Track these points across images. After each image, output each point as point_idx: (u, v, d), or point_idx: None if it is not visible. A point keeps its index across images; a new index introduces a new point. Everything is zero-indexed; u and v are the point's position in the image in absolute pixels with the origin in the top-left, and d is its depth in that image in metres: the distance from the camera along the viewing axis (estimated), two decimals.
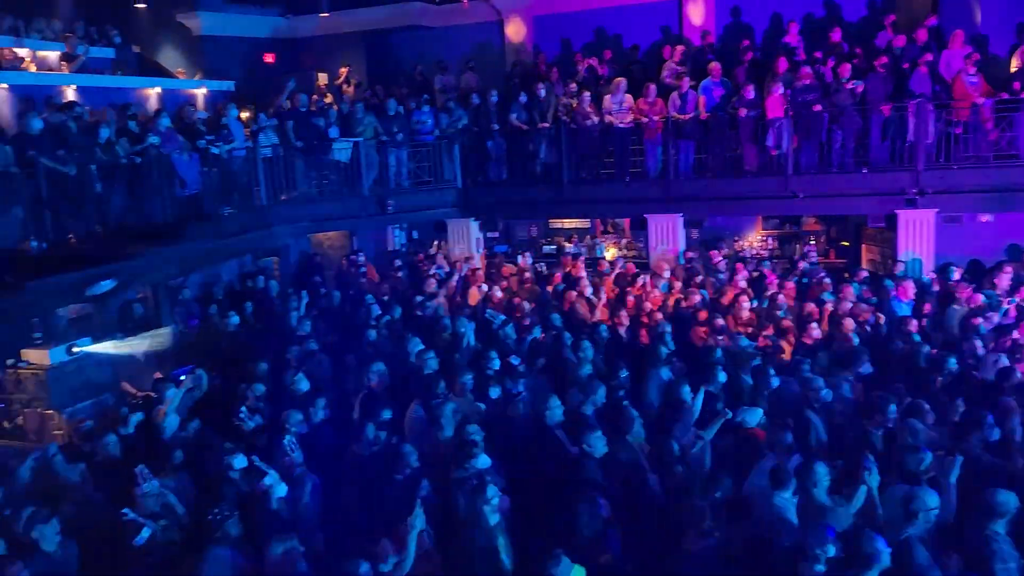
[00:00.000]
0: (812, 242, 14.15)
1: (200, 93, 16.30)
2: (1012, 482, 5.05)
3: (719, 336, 8.85)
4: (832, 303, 9.49)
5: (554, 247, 15.44)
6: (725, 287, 10.76)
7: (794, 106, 11.65)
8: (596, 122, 12.91)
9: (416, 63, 16.37)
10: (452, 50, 16.40)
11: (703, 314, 9.50)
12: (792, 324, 9.10)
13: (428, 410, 6.78)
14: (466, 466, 5.60)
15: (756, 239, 14.83)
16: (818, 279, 10.65)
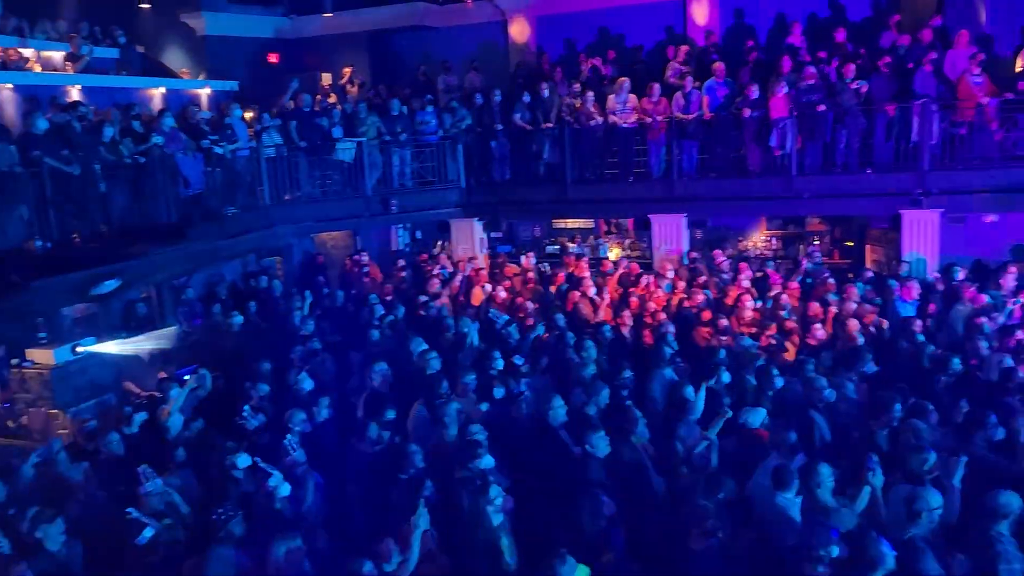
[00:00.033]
0: (816, 242, 14.10)
1: (204, 93, 16.32)
2: (1016, 483, 5.02)
3: (723, 336, 8.84)
4: (836, 303, 9.47)
5: (557, 247, 15.43)
6: (729, 287, 10.73)
7: (798, 106, 11.63)
8: (600, 122, 12.90)
9: (420, 63, 16.37)
10: (456, 50, 16.41)
11: (707, 314, 9.50)
12: (796, 325, 9.09)
13: (432, 410, 6.78)
14: (470, 466, 5.60)
15: (760, 239, 14.79)
16: (822, 279, 10.63)
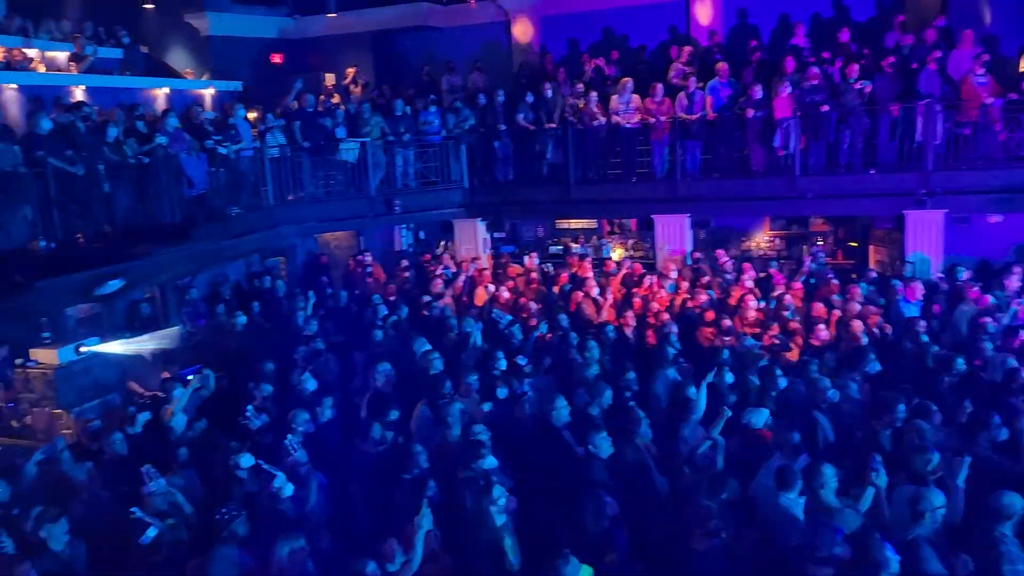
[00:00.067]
0: (820, 243, 14.08)
1: (208, 93, 16.33)
2: (1019, 484, 5.01)
3: (726, 337, 8.84)
4: (840, 304, 9.45)
5: (560, 247, 15.40)
6: (732, 287, 10.72)
7: (802, 106, 11.61)
8: (603, 122, 12.89)
9: (423, 63, 16.40)
10: (459, 50, 16.41)
11: (710, 314, 9.49)
12: (799, 325, 9.08)
13: (435, 410, 6.79)
14: (473, 466, 5.60)
15: (763, 240, 14.77)
16: (825, 280, 10.61)
